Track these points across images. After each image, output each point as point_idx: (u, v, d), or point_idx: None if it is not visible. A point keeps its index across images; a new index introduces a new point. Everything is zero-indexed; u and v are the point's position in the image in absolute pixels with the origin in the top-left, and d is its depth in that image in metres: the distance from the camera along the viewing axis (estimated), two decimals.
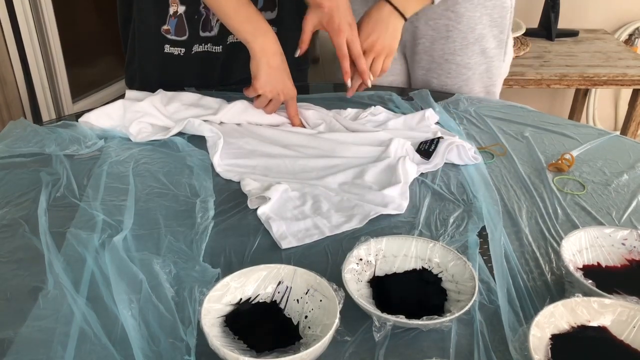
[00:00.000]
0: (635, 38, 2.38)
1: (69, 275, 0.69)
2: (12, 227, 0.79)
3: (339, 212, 0.82)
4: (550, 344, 0.58)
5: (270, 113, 1.07)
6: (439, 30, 1.22)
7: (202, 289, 0.63)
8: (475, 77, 1.27)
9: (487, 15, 1.21)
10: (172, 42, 1.15)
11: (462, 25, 1.21)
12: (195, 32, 1.16)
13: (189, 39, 1.16)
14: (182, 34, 1.15)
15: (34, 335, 0.61)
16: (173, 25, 1.13)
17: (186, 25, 1.14)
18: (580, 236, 0.72)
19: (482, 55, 1.25)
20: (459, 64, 1.25)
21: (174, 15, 1.12)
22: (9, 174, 0.90)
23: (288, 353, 0.56)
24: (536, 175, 0.94)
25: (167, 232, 0.78)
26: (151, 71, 1.19)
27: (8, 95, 1.70)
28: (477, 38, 1.23)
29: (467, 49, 1.23)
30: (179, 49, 1.16)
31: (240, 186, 0.88)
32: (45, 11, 1.71)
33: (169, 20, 1.13)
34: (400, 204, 0.84)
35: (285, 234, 0.77)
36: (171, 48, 1.16)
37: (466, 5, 1.19)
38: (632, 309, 0.60)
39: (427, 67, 1.28)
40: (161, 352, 0.59)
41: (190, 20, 1.14)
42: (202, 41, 1.17)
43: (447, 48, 1.24)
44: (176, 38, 1.15)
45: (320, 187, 0.87)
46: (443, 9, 1.20)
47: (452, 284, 0.67)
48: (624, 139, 1.08)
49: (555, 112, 2.49)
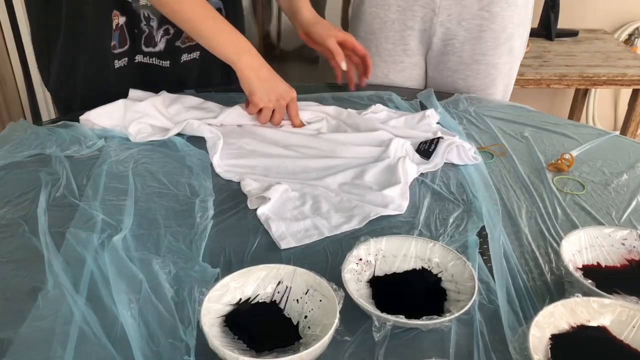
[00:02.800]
0: (634, 38, 2.38)
1: (68, 275, 0.69)
2: (11, 227, 0.78)
3: (339, 213, 0.82)
4: (549, 344, 0.58)
5: (278, 123, 1.06)
6: (472, 31, 1.21)
7: (202, 289, 0.63)
8: (500, 77, 1.26)
9: (517, 14, 1.21)
10: (117, 55, 1.12)
11: (495, 25, 1.19)
12: (137, 43, 1.13)
13: (130, 48, 1.12)
14: (124, 45, 1.12)
15: (33, 335, 0.61)
16: (117, 39, 1.10)
17: (127, 36, 1.11)
18: (580, 236, 0.72)
19: (510, 54, 1.24)
20: (489, 64, 1.23)
21: (116, 28, 1.09)
22: (9, 174, 0.90)
23: (288, 353, 0.56)
24: (536, 175, 0.94)
25: (167, 232, 0.78)
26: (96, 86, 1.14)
27: (8, 95, 1.70)
28: (508, 37, 1.22)
29: (497, 49, 1.22)
30: (123, 59, 1.13)
31: (240, 186, 0.88)
32: None
33: (113, 35, 1.09)
34: (400, 204, 0.84)
35: (285, 234, 0.77)
36: (118, 62, 1.12)
37: (501, 5, 1.18)
38: (632, 309, 0.60)
39: (454, 69, 1.26)
40: (161, 352, 0.59)
41: (130, 32, 1.11)
42: (145, 54, 1.15)
43: (477, 48, 1.22)
44: (119, 50, 1.12)
45: (320, 187, 0.87)
46: (477, 8, 1.19)
47: (451, 283, 0.67)
48: (624, 139, 1.08)
49: (554, 112, 2.49)
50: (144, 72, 1.16)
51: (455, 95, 1.22)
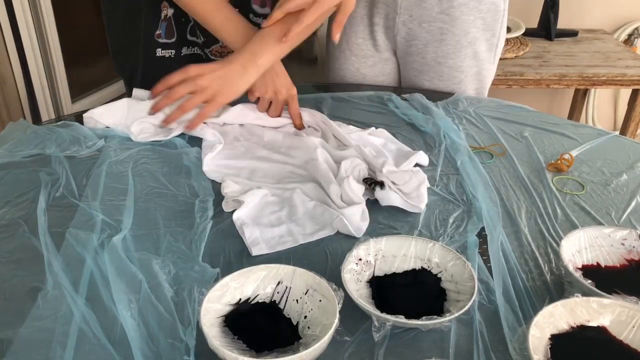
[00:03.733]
0: (634, 38, 2.38)
1: (68, 275, 0.69)
2: (11, 227, 0.78)
3: (312, 220, 0.81)
4: (549, 344, 0.58)
5: (275, 116, 1.07)
6: (433, 33, 1.22)
7: (201, 289, 0.63)
8: (467, 80, 1.27)
9: (481, 19, 1.21)
10: (162, 45, 1.16)
11: (456, 28, 1.20)
12: (183, 34, 1.16)
13: (177, 41, 1.16)
14: (171, 36, 1.15)
15: (33, 335, 0.61)
16: (164, 29, 1.14)
17: (174, 28, 1.15)
18: (579, 236, 0.72)
19: (474, 58, 1.24)
20: (452, 67, 1.24)
21: (165, 18, 1.13)
22: (8, 174, 0.90)
23: (287, 353, 0.56)
24: (535, 175, 0.94)
25: (167, 232, 0.77)
26: (143, 74, 1.19)
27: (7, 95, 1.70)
28: (470, 41, 1.22)
29: (460, 52, 1.23)
30: (169, 51, 1.17)
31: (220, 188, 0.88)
32: (45, 11, 1.71)
33: (160, 24, 1.14)
34: (359, 226, 0.80)
35: (258, 240, 0.76)
36: (162, 51, 1.16)
37: (461, 9, 1.19)
38: (632, 309, 0.60)
39: (419, 69, 1.27)
40: (160, 352, 0.59)
41: (178, 23, 1.14)
42: (190, 44, 1.18)
43: (440, 51, 1.24)
44: (166, 41, 1.15)
45: (299, 190, 0.86)
46: (438, 11, 1.20)
47: (451, 284, 0.67)
48: (623, 139, 1.08)
49: (554, 112, 2.49)
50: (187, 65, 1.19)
51: (455, 95, 1.22)
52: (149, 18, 1.13)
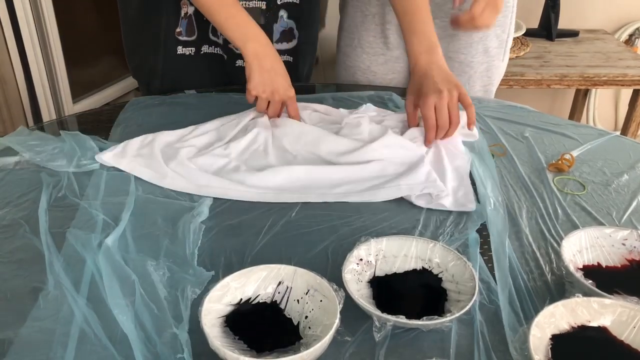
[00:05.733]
0: (635, 38, 2.38)
1: (69, 275, 0.69)
2: (12, 227, 0.79)
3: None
4: (550, 344, 0.58)
5: (273, 116, 1.06)
6: (445, 28, 1.22)
7: (194, 289, 0.64)
8: (476, 76, 1.28)
9: None
10: (183, 42, 1.18)
11: None
12: (204, 33, 1.18)
13: (197, 39, 1.17)
14: (192, 34, 1.17)
15: (34, 335, 0.61)
16: (184, 26, 1.16)
17: (195, 26, 1.16)
18: (580, 236, 0.72)
19: (485, 54, 1.26)
20: (462, 62, 1.26)
21: (185, 16, 1.15)
22: (9, 174, 0.91)
23: (288, 353, 0.56)
24: (536, 175, 0.94)
25: (164, 235, 0.77)
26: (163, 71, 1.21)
27: (8, 95, 1.70)
28: (481, 37, 1.24)
29: (471, 47, 1.24)
30: (189, 48, 1.19)
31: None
32: (46, 11, 1.72)
33: (181, 22, 1.15)
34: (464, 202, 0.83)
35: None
36: (183, 49, 1.18)
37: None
38: (632, 309, 0.60)
39: None
40: (158, 352, 0.59)
41: (199, 21, 1.15)
42: (211, 43, 1.19)
43: (451, 46, 1.25)
44: (187, 38, 1.17)
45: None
46: (450, 7, 1.20)
47: (452, 284, 0.67)
48: (624, 139, 1.08)
49: (555, 112, 2.49)
50: (209, 63, 1.21)
51: None
52: (169, 15, 1.14)
